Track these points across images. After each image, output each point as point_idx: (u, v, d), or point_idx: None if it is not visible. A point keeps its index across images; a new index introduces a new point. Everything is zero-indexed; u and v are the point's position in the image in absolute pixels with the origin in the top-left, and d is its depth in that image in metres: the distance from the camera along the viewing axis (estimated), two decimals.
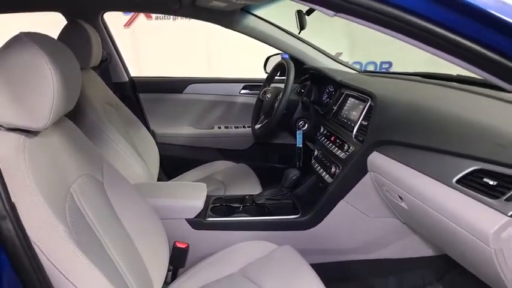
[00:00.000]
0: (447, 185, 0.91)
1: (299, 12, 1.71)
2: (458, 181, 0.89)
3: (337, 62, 2.13)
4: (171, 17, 3.61)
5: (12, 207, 0.59)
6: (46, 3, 1.83)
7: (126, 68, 2.22)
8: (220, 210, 1.55)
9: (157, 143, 2.04)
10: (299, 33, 1.91)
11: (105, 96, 1.74)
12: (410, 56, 1.47)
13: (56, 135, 0.92)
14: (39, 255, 0.69)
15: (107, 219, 0.98)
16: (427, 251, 1.53)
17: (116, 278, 0.86)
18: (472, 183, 0.86)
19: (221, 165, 2.14)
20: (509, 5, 0.58)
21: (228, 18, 1.98)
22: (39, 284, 0.63)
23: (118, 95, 1.91)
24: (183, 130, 2.38)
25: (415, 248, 1.53)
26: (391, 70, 3.93)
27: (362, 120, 1.42)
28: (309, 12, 1.65)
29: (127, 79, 2.21)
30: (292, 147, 1.95)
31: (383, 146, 1.23)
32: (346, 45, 3.75)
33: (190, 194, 1.51)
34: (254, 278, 1.14)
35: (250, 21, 2.02)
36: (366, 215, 1.44)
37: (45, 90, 0.75)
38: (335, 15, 0.65)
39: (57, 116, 0.82)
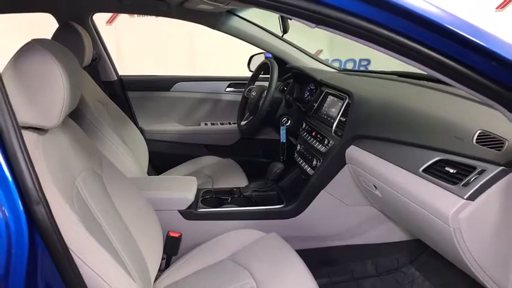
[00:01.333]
0: (415, 173, 1.03)
1: (282, 16, 1.78)
2: (424, 170, 1.00)
3: (318, 61, 2.20)
4: None
5: (43, 194, 0.66)
6: (37, 5, 1.84)
7: (115, 67, 2.25)
8: (210, 202, 1.62)
9: (145, 140, 2.08)
10: (282, 36, 1.99)
11: (96, 95, 1.78)
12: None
13: (61, 133, 0.98)
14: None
15: (107, 210, 1.03)
16: (401, 236, 1.65)
17: (119, 263, 0.93)
18: (435, 171, 0.98)
19: (208, 160, 2.19)
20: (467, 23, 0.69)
21: (214, 19, 2.03)
22: (67, 261, 0.71)
23: (107, 94, 1.94)
24: (170, 127, 2.41)
25: (390, 234, 1.64)
26: (370, 67, 3.99)
27: (340, 116, 1.51)
28: None
29: (116, 78, 2.23)
30: (277, 142, 2.00)
31: (359, 140, 1.34)
32: (326, 43, 3.80)
33: (181, 187, 1.56)
34: (243, 263, 1.21)
35: (235, 22, 2.07)
36: (344, 204, 1.54)
37: (57, 92, 0.82)
38: (316, 27, 0.74)
39: (65, 115, 0.88)
